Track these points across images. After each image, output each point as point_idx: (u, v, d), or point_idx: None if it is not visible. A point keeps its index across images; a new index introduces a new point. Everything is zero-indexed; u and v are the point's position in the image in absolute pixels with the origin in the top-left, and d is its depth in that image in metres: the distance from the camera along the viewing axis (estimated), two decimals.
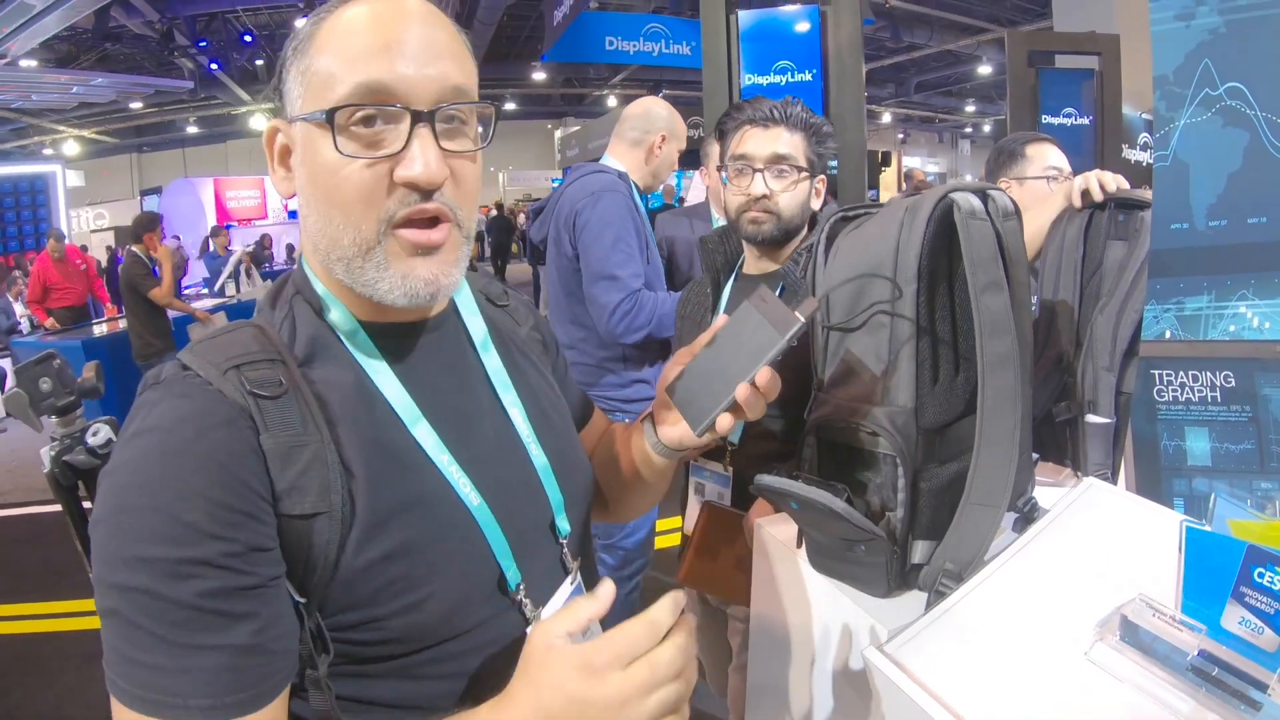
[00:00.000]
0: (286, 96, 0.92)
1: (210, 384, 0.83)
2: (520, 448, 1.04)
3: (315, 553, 0.83)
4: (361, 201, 0.86)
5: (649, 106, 3.03)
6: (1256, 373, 1.13)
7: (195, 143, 28.08)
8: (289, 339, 0.92)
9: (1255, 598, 0.76)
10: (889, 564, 1.06)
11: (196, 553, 0.76)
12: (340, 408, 0.88)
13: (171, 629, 0.75)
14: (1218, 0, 1.15)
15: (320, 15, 0.90)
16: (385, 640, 0.87)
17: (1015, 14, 19.19)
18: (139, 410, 0.84)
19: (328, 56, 0.87)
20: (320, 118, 0.85)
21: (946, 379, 1.06)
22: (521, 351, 1.15)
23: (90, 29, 15.43)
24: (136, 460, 0.80)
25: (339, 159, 0.85)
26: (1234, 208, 1.16)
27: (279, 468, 0.82)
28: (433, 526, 0.90)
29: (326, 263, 0.92)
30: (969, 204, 1.02)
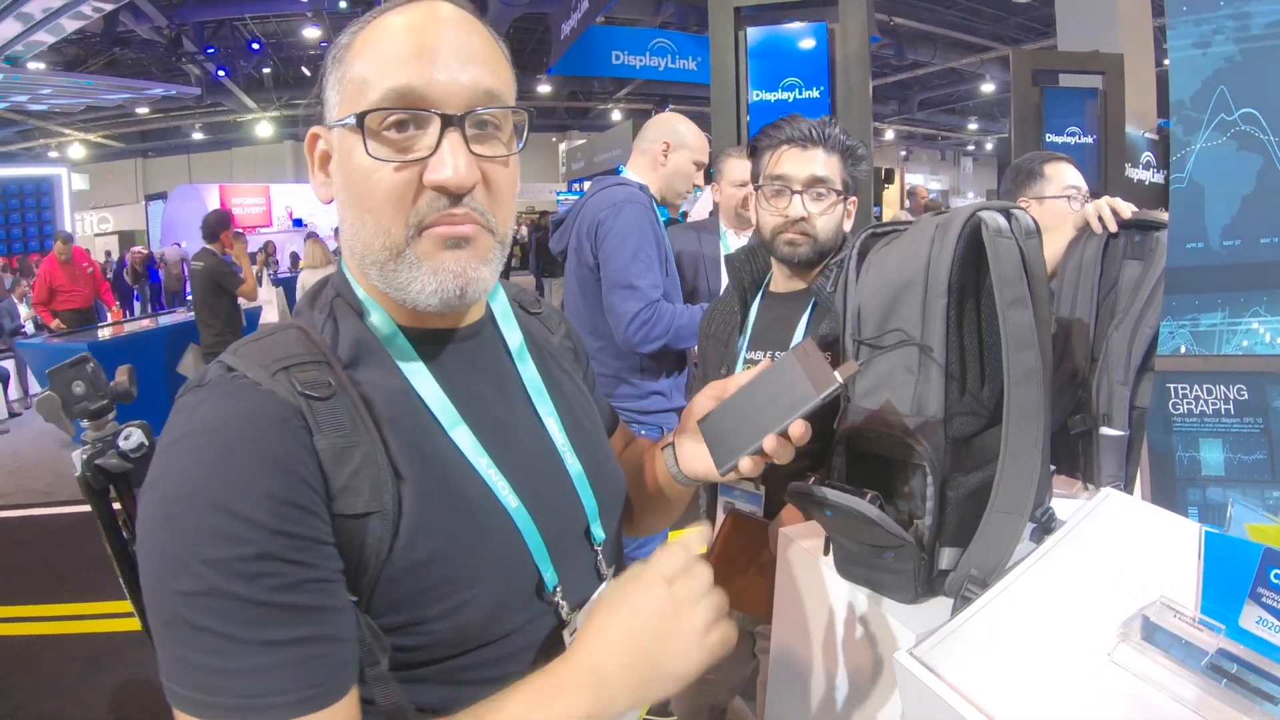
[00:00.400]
0: (326, 104, 0.94)
1: (259, 385, 0.83)
2: (556, 456, 1.05)
3: (367, 553, 0.83)
4: (391, 204, 0.87)
5: (663, 119, 3.08)
6: (1268, 386, 1.17)
7: (200, 149, 28.17)
8: (331, 341, 0.92)
9: (1272, 598, 0.79)
10: (916, 570, 1.10)
11: (264, 549, 0.76)
12: (384, 410, 0.88)
13: (244, 628, 0.74)
14: (1233, 29, 1.20)
15: (358, 25, 0.92)
16: (427, 644, 0.88)
17: (1019, 33, 19.31)
18: (179, 415, 0.83)
19: (362, 63, 0.88)
20: (353, 122, 0.87)
21: (973, 391, 1.10)
22: (555, 360, 1.16)
23: (99, 33, 15.49)
24: (186, 464, 0.78)
25: (371, 163, 0.87)
26: (1247, 228, 1.20)
27: (332, 468, 0.82)
28: (474, 530, 0.90)
29: (362, 267, 0.93)
30: (996, 222, 1.07)
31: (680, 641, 0.85)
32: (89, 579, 4.64)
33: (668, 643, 0.85)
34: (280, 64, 21.23)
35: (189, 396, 0.84)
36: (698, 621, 0.86)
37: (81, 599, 4.40)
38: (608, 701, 0.83)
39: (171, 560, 0.75)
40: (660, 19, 15.28)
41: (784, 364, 0.99)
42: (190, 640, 0.75)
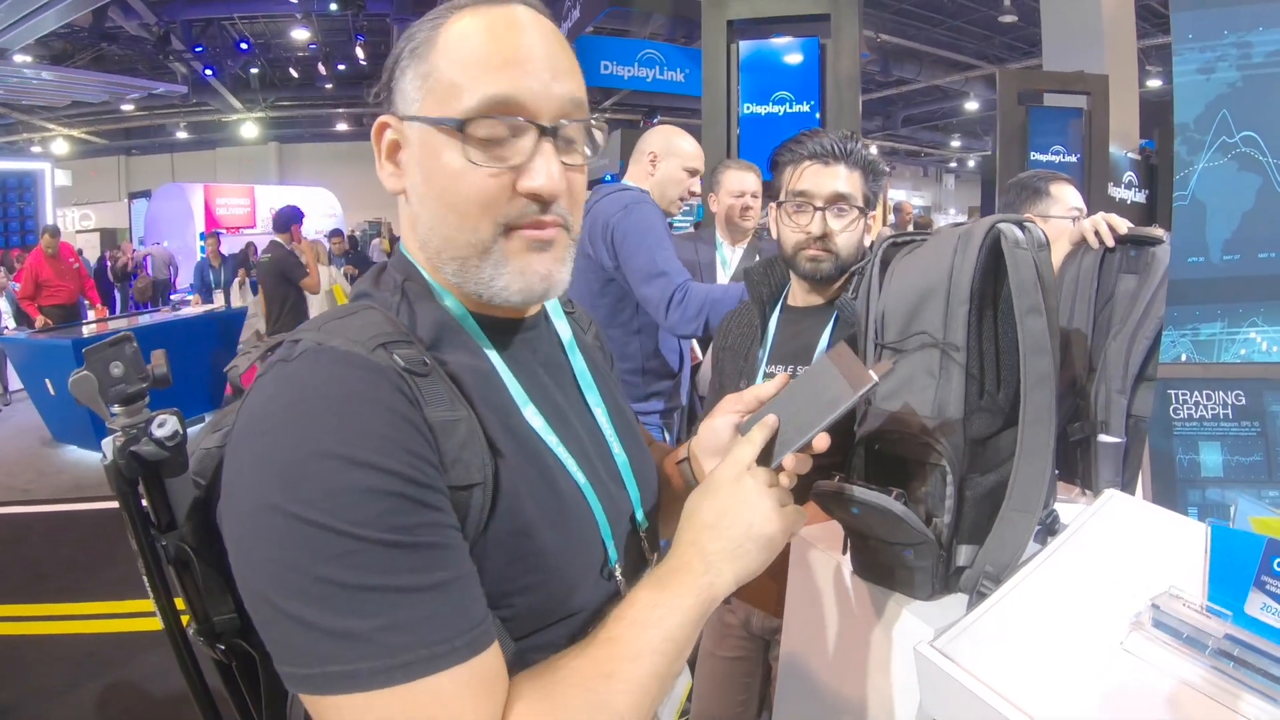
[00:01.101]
0: (400, 95, 0.93)
1: (366, 355, 0.81)
2: (605, 445, 1.08)
3: (469, 525, 0.83)
4: (482, 207, 0.89)
5: (649, 132, 3.15)
6: (1265, 392, 1.23)
7: (184, 148, 27.89)
8: (409, 323, 0.92)
9: (1276, 586, 0.85)
10: (935, 567, 1.14)
11: (410, 496, 0.75)
12: (472, 389, 0.89)
13: (412, 575, 0.73)
14: (1236, 56, 1.26)
15: (437, 20, 0.92)
16: (511, 618, 0.87)
17: (1004, 52, 19.47)
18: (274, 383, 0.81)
19: (449, 63, 0.89)
20: (451, 124, 0.88)
21: (990, 394, 1.15)
22: (593, 356, 1.18)
23: (87, 28, 15.38)
24: (304, 425, 0.76)
25: (463, 165, 0.88)
26: (1247, 243, 1.26)
27: (444, 439, 0.82)
28: (557, 505, 0.92)
29: (435, 260, 0.94)
30: (1014, 234, 1.12)
31: (762, 509, 0.93)
32: (73, 580, 4.61)
33: (752, 510, 0.93)
34: (268, 65, 21.12)
35: (279, 369, 0.82)
36: (774, 492, 0.95)
37: (67, 599, 4.36)
38: (715, 571, 0.90)
39: (309, 528, 0.72)
40: (649, 30, 15.33)
41: (819, 367, 1.02)
42: (351, 607, 0.71)
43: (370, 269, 1.04)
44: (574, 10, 11.25)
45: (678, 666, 0.86)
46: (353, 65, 20.63)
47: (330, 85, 22.49)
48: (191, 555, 0.97)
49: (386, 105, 0.96)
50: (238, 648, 0.98)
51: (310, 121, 27.12)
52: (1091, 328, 1.68)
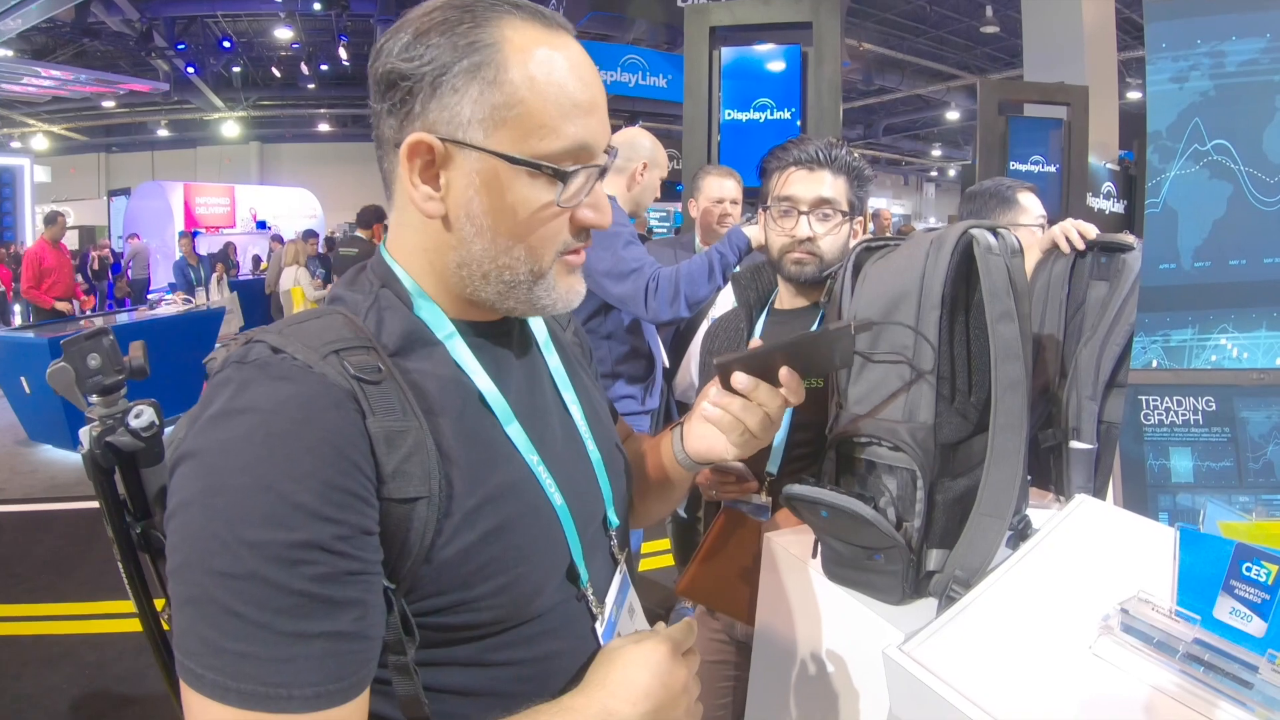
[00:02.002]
0: (448, 112, 0.88)
1: (311, 368, 0.81)
2: (580, 443, 1.08)
3: (412, 537, 0.83)
4: (550, 240, 0.93)
5: (633, 136, 3.11)
6: (1235, 398, 1.24)
7: (165, 146, 27.73)
8: (375, 329, 0.91)
9: (1244, 589, 0.85)
10: (905, 571, 1.14)
11: (309, 536, 0.74)
12: (436, 398, 0.89)
13: (277, 616, 0.73)
14: (1209, 66, 1.27)
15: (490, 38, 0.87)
16: (471, 624, 0.88)
17: (986, 62, 19.63)
18: (222, 389, 0.81)
19: (537, 98, 0.87)
20: (545, 169, 0.89)
21: (961, 398, 1.15)
22: (570, 353, 1.19)
23: (69, 23, 15.28)
24: (235, 440, 0.76)
25: (536, 200, 0.90)
26: (1217, 251, 1.27)
27: (385, 451, 0.81)
28: (520, 511, 0.92)
29: (472, 281, 0.94)
30: (987, 240, 1.12)
31: (686, 709, 0.94)
32: (48, 580, 4.57)
33: (679, 708, 0.92)
34: (250, 63, 21.05)
35: (232, 371, 0.82)
36: (695, 694, 0.96)
37: (40, 600, 4.32)
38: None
39: (211, 538, 0.73)
40: (632, 35, 15.34)
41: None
42: (219, 622, 0.73)
43: (348, 271, 1.03)
44: None
45: None
46: (335, 65, 20.56)
47: (313, 85, 22.41)
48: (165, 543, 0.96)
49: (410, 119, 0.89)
50: None
51: (292, 121, 27.03)
52: (1063, 334, 1.69)
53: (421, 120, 0.88)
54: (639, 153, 3.03)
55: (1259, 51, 1.27)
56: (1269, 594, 0.84)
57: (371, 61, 0.92)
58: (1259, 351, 1.24)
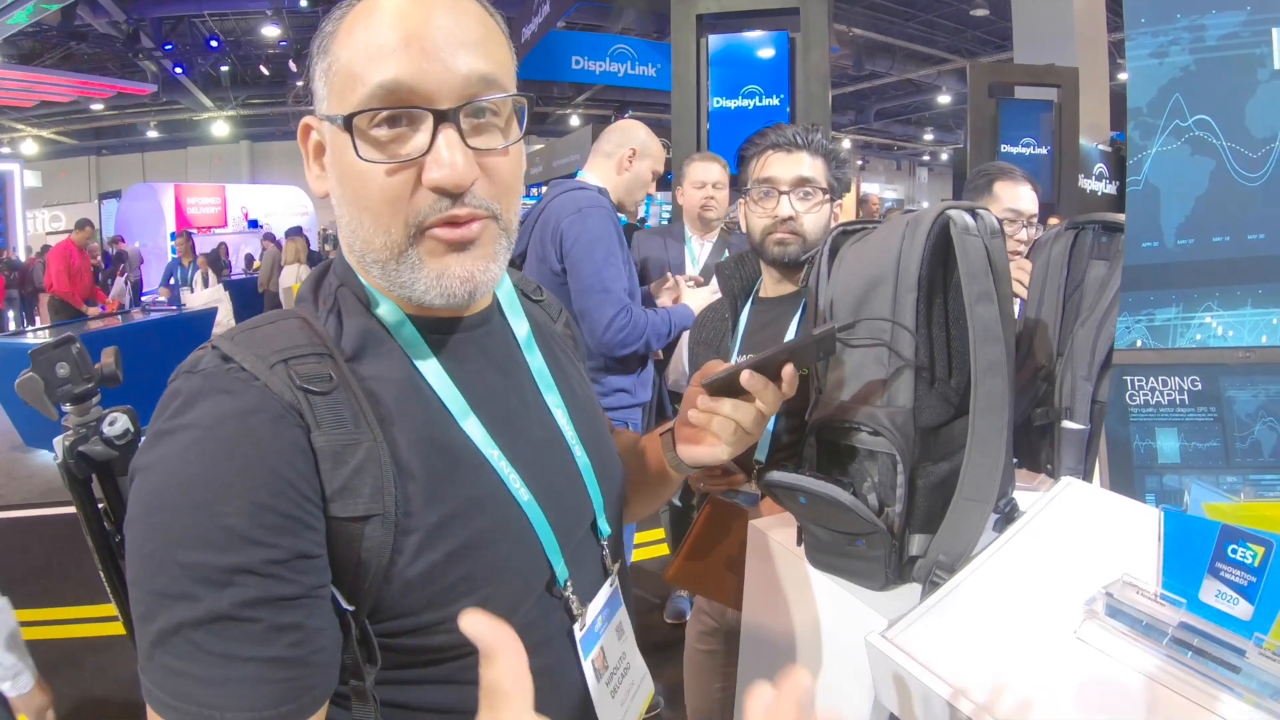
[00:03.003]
0: (315, 95, 0.88)
1: (256, 379, 0.78)
2: (565, 448, 1.02)
3: (366, 557, 0.79)
4: (389, 206, 0.83)
5: (627, 125, 3.08)
6: (1221, 377, 1.23)
7: (155, 147, 27.63)
8: (335, 333, 0.88)
9: (1230, 572, 0.84)
10: (887, 557, 1.13)
11: (237, 559, 0.72)
12: (393, 405, 0.85)
13: (208, 637, 0.71)
14: (1189, 40, 1.26)
15: (344, 9, 0.85)
16: (441, 646, 0.84)
17: (976, 45, 19.59)
18: (173, 400, 0.78)
19: (349, 52, 0.82)
20: (338, 121, 0.82)
21: (941, 382, 1.14)
22: (559, 349, 1.13)
23: (56, 26, 15.21)
24: (174, 457, 0.75)
25: (361, 164, 0.82)
26: (1201, 228, 1.26)
27: (330, 467, 0.78)
28: (490, 526, 0.87)
29: (363, 263, 0.89)
30: (964, 221, 1.11)
31: None
32: (44, 584, 4.53)
33: None
34: (238, 62, 20.96)
35: (181, 382, 0.80)
36: None
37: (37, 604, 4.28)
38: None
39: (149, 556, 0.73)
40: (620, 25, 15.30)
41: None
42: (159, 639, 0.72)
43: (317, 267, 0.99)
44: (544, 5, 11.21)
45: None
46: None
47: (301, 83, 22.29)
48: None
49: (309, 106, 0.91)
50: None
51: (281, 119, 26.90)
52: (1060, 313, 1.68)
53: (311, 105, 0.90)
54: (629, 139, 3.00)
55: (1239, 24, 1.25)
56: (1255, 576, 0.83)
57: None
58: (1244, 329, 1.22)
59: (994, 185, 2.55)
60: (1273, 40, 1.23)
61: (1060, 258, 1.71)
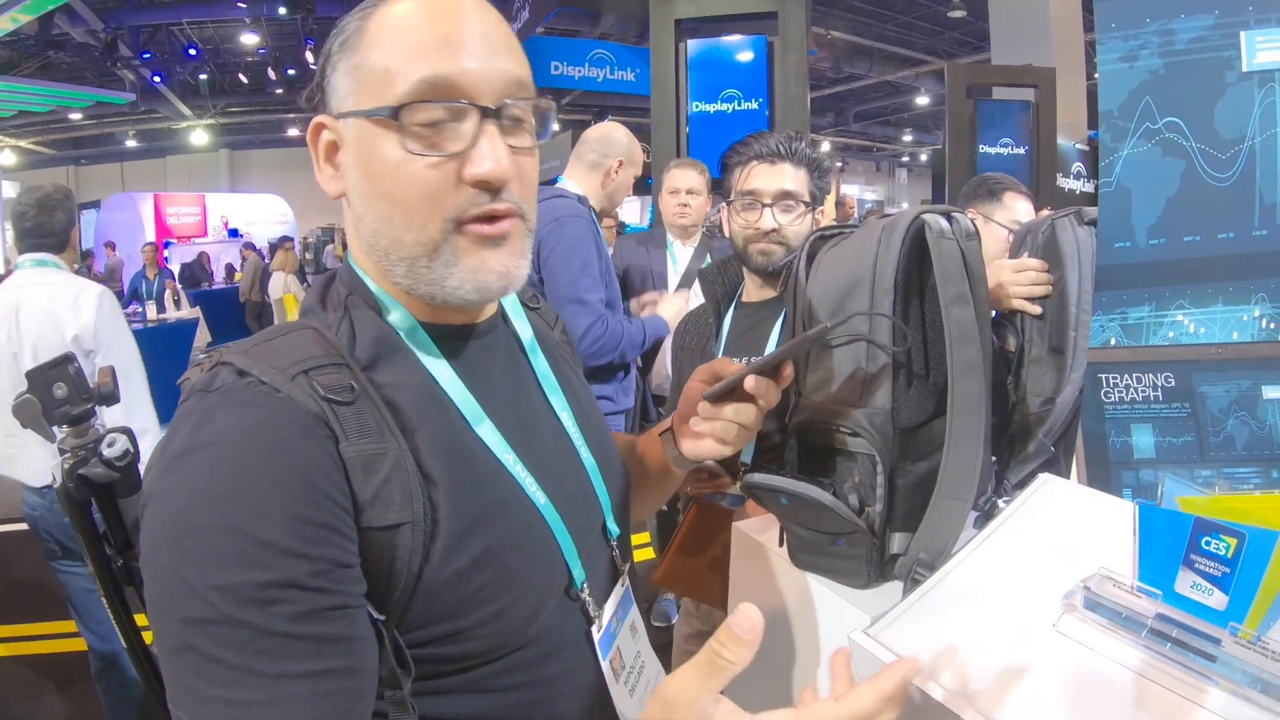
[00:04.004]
0: (333, 92, 0.88)
1: (278, 391, 0.77)
2: (573, 451, 1.03)
3: (398, 566, 0.79)
4: (427, 200, 0.83)
5: (609, 131, 3.08)
6: (1194, 373, 1.25)
7: (134, 157, 27.47)
8: (348, 342, 0.87)
9: (1204, 563, 0.85)
10: (869, 555, 1.14)
11: (281, 575, 0.71)
12: (412, 413, 0.85)
13: (258, 659, 0.70)
14: (1159, 45, 1.28)
15: (367, 10, 0.87)
16: (466, 654, 0.85)
17: (954, 47, 19.70)
18: (187, 420, 0.77)
19: (382, 51, 0.83)
20: (384, 114, 0.82)
21: (919, 382, 1.16)
22: (559, 353, 1.14)
23: (33, 36, 15.10)
24: (199, 476, 0.73)
25: (402, 157, 0.83)
26: (1172, 228, 1.28)
27: (361, 477, 0.77)
28: (511, 531, 0.87)
29: (384, 264, 0.88)
30: (938, 224, 1.12)
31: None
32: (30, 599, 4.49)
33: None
34: (217, 70, 20.88)
35: (196, 401, 0.78)
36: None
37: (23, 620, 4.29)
38: None
39: (180, 584, 0.70)
40: (599, 30, 15.32)
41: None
42: (200, 669, 0.70)
43: (320, 277, 0.99)
44: (523, 11, 11.22)
45: None
46: (303, 70, 20.35)
47: (280, 90, 22.24)
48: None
49: (320, 106, 0.90)
50: None
51: (261, 128, 26.85)
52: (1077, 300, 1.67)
53: (324, 106, 0.89)
54: (614, 149, 3.02)
55: (1208, 28, 1.27)
56: (1229, 567, 0.84)
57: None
58: (1216, 326, 1.25)
59: (1005, 195, 2.59)
60: (1240, 43, 1.26)
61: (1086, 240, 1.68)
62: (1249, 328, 1.24)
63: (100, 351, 2.92)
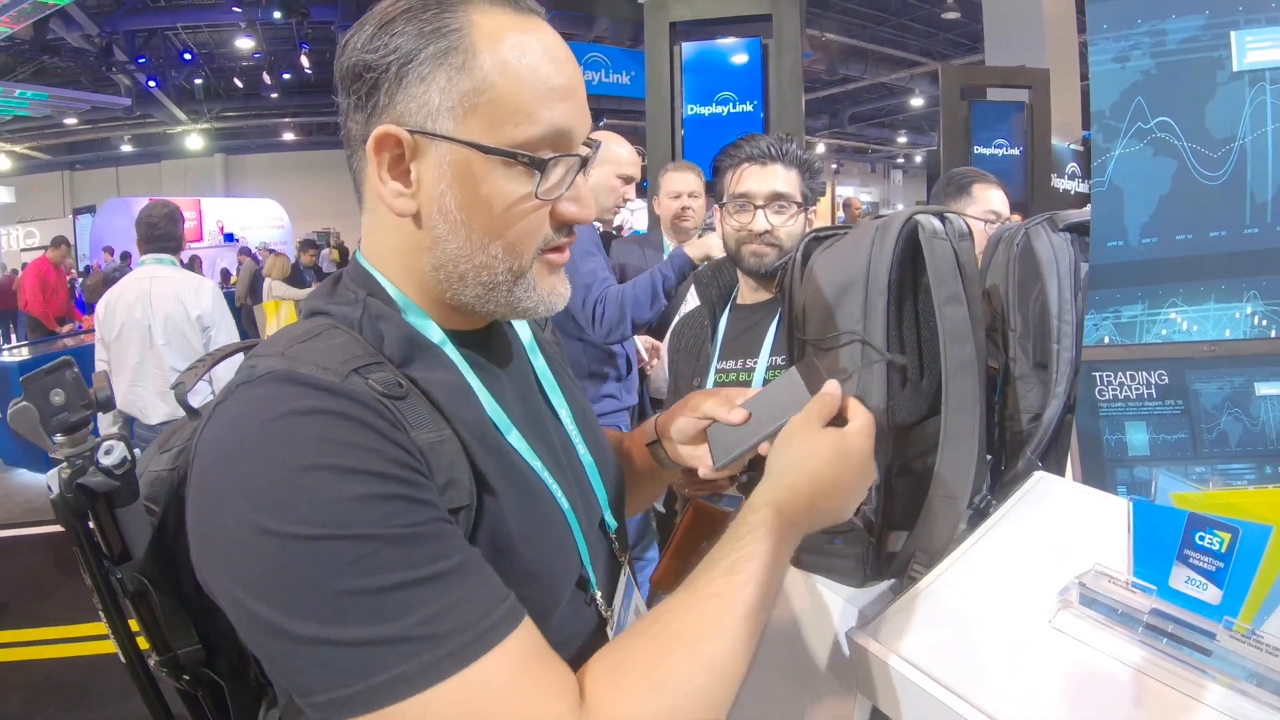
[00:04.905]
0: (415, 103, 0.83)
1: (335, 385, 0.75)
2: (573, 448, 1.05)
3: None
4: (529, 236, 0.87)
5: None
6: (1187, 371, 1.26)
7: (129, 161, 27.41)
8: (376, 341, 0.86)
9: (1198, 558, 0.86)
10: (865, 554, 1.16)
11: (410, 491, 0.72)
12: (448, 406, 0.84)
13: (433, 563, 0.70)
14: (1150, 45, 1.29)
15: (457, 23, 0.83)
16: None
17: (948, 48, 19.74)
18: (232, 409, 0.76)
19: (510, 83, 0.83)
20: (524, 158, 0.84)
21: (913, 382, 1.17)
22: (552, 353, 1.16)
23: (28, 40, 15.10)
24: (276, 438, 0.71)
25: (512, 192, 0.85)
26: (1164, 226, 1.28)
27: (433, 462, 0.78)
28: (536, 522, 0.89)
29: (455, 284, 0.89)
30: (931, 225, 1.13)
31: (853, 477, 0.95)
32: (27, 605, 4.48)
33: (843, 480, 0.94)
34: (212, 75, 20.89)
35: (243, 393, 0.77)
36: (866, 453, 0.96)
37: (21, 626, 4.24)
38: (790, 539, 0.88)
39: (314, 544, 0.68)
40: (594, 33, 15.33)
41: (787, 377, 1.05)
42: (375, 612, 0.67)
43: (324, 281, 0.98)
44: None
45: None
46: (298, 74, 20.39)
47: (276, 95, 22.26)
48: (149, 586, 0.89)
49: (376, 112, 0.85)
50: (204, 677, 0.93)
51: (256, 132, 26.82)
52: None
53: (389, 113, 0.84)
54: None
55: (1199, 29, 1.28)
56: (1222, 562, 0.85)
57: (337, 57, 0.88)
58: (1208, 324, 1.26)
59: (973, 187, 2.61)
60: (1231, 43, 1.27)
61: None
62: (1241, 325, 1.24)
63: (214, 328, 4.05)
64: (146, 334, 3.93)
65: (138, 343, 3.96)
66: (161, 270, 4.06)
